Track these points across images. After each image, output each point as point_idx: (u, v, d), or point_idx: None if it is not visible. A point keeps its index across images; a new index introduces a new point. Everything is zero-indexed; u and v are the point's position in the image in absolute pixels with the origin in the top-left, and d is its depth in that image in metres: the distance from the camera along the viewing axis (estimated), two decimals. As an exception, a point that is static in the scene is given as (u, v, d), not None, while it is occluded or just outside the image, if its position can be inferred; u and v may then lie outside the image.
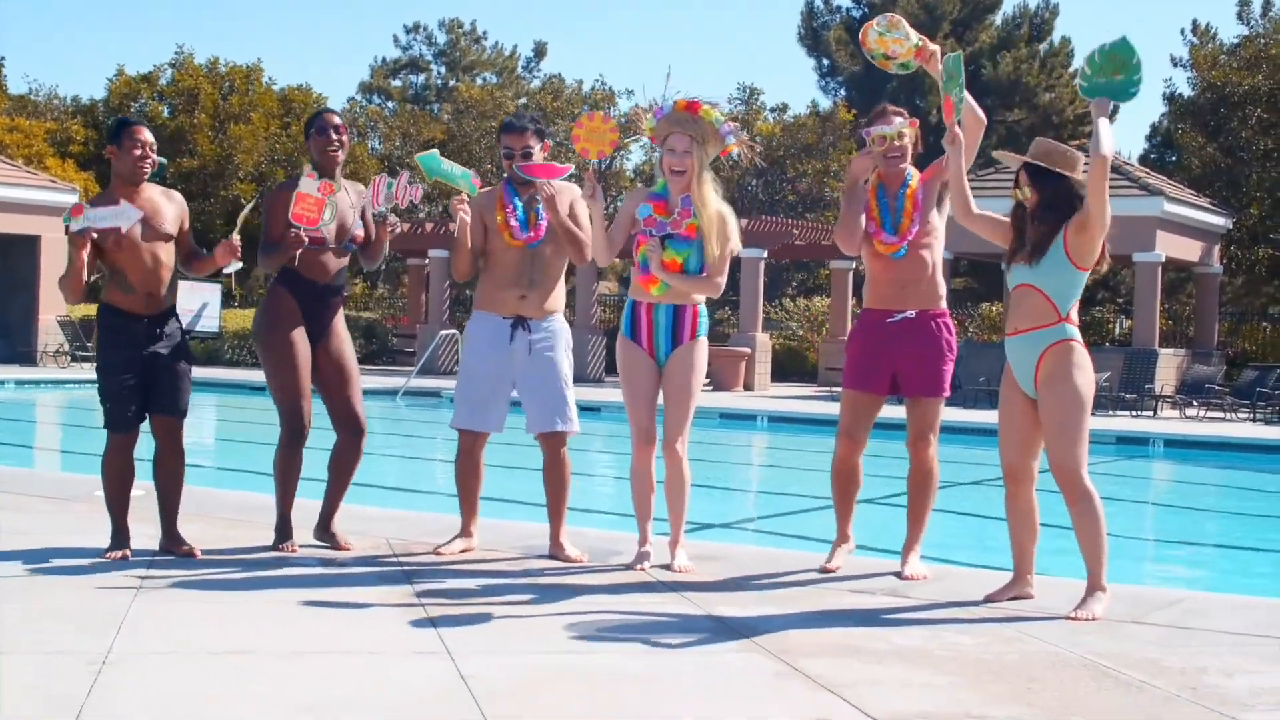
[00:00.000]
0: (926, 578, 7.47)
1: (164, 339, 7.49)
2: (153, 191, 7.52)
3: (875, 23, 7.29)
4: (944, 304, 7.62)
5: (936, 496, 7.76)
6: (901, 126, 7.46)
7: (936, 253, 7.56)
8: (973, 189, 7.20)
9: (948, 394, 7.61)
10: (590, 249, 7.83)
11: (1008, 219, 7.03)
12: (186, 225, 7.63)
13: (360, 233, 7.94)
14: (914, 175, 7.54)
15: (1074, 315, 6.80)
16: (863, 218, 7.50)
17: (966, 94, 7.04)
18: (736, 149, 7.74)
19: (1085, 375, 6.76)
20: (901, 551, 7.67)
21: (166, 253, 7.47)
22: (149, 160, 7.44)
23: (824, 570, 7.60)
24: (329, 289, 7.88)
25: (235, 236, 7.50)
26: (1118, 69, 6.68)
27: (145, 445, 7.62)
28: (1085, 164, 6.79)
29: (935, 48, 7.12)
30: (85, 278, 7.33)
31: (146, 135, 7.48)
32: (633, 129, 7.95)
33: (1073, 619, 6.52)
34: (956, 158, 7.07)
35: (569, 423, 7.84)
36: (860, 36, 7.33)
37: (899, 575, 7.49)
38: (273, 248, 7.69)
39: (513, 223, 7.76)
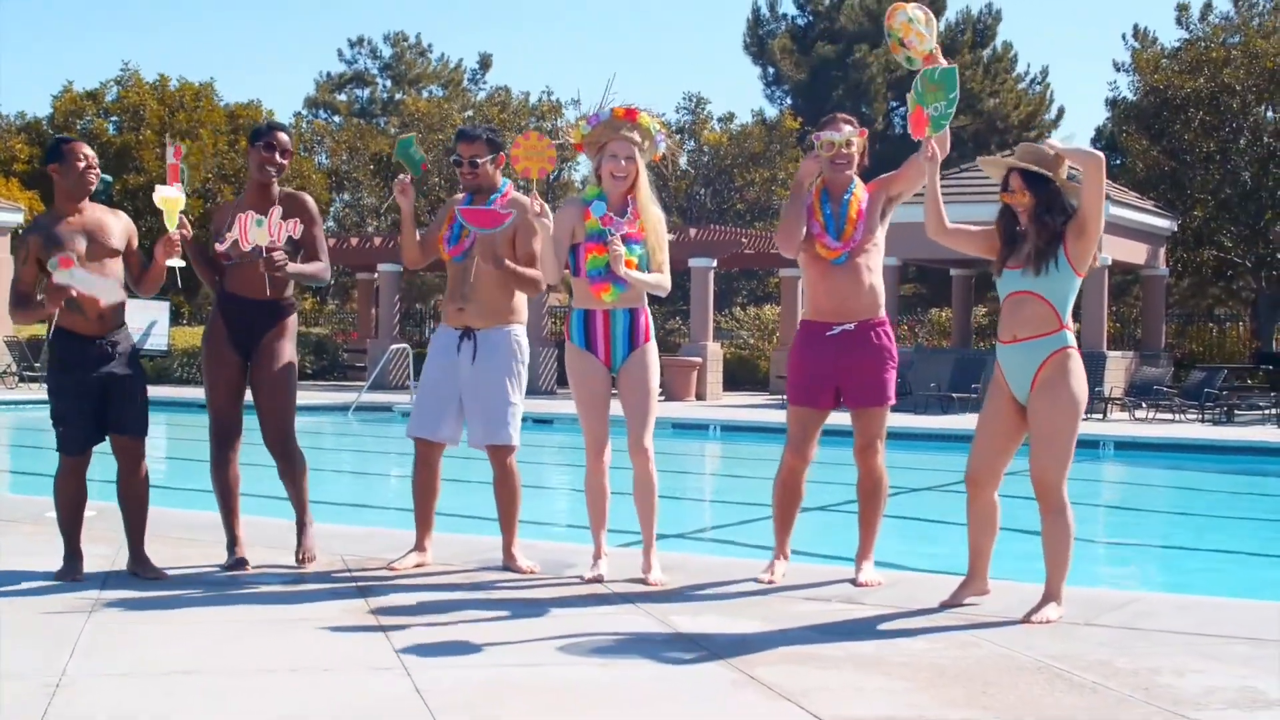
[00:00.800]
0: (881, 584, 7.50)
1: (117, 358, 7.44)
2: (98, 210, 7.48)
3: (912, 7, 7.20)
4: (883, 312, 7.64)
5: (887, 503, 7.79)
6: (850, 135, 7.48)
7: (876, 261, 7.57)
8: (921, 198, 7.21)
9: (892, 401, 7.63)
10: (541, 284, 7.87)
11: (987, 228, 7.03)
12: (135, 243, 7.58)
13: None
14: (858, 184, 7.57)
15: (1070, 322, 6.82)
16: (804, 221, 7.53)
17: (1059, 144, 6.85)
18: (665, 150, 7.79)
19: (1081, 385, 6.75)
20: (855, 559, 7.70)
21: (115, 271, 7.42)
22: (93, 172, 7.40)
23: (760, 581, 7.59)
24: (259, 305, 7.84)
25: (173, 231, 7.44)
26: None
27: (100, 467, 7.58)
28: (1071, 169, 6.83)
29: (944, 63, 7.11)
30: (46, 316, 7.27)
31: (87, 149, 7.45)
32: (562, 136, 7.97)
33: (1028, 622, 6.56)
34: (932, 173, 7.08)
35: (506, 436, 7.83)
36: (890, 10, 7.23)
37: (854, 582, 7.51)
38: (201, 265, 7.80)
39: (445, 232, 7.83)
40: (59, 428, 7.44)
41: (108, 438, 7.51)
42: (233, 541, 7.88)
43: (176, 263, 7.52)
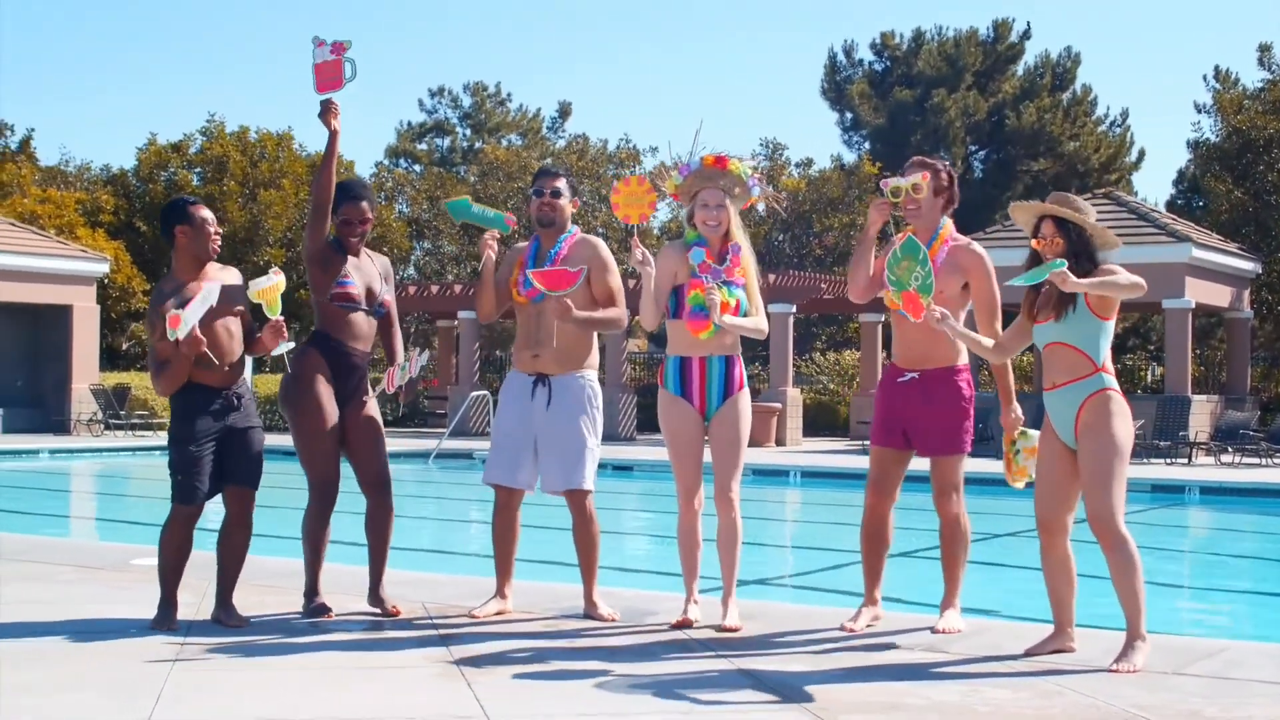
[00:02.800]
0: (961, 631, 7.42)
1: (241, 410, 7.51)
2: (213, 268, 7.55)
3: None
4: (962, 360, 7.59)
5: (969, 550, 7.71)
6: (916, 180, 7.44)
7: (955, 311, 7.52)
8: (1002, 242, 7.20)
9: (967, 449, 7.58)
10: (622, 320, 7.92)
11: (1021, 320, 7.06)
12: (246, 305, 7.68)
13: (390, 299, 7.97)
14: (941, 235, 7.52)
15: (1108, 364, 6.80)
16: (869, 265, 7.55)
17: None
18: (762, 202, 7.80)
19: (1124, 424, 6.75)
20: (940, 606, 7.63)
21: (238, 325, 7.50)
22: (218, 236, 7.47)
23: (844, 629, 7.54)
24: (359, 353, 7.90)
25: (279, 318, 7.47)
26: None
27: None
28: (1097, 218, 6.89)
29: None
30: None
31: (208, 212, 7.54)
32: (657, 182, 7.97)
33: (1114, 671, 6.48)
34: (954, 325, 7.12)
35: (581, 480, 7.83)
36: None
37: (932, 629, 7.45)
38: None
39: (520, 279, 7.82)
40: (176, 476, 7.46)
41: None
42: (313, 588, 7.90)
43: (284, 348, 7.51)
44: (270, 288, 7.38)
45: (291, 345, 7.54)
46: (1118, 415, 6.73)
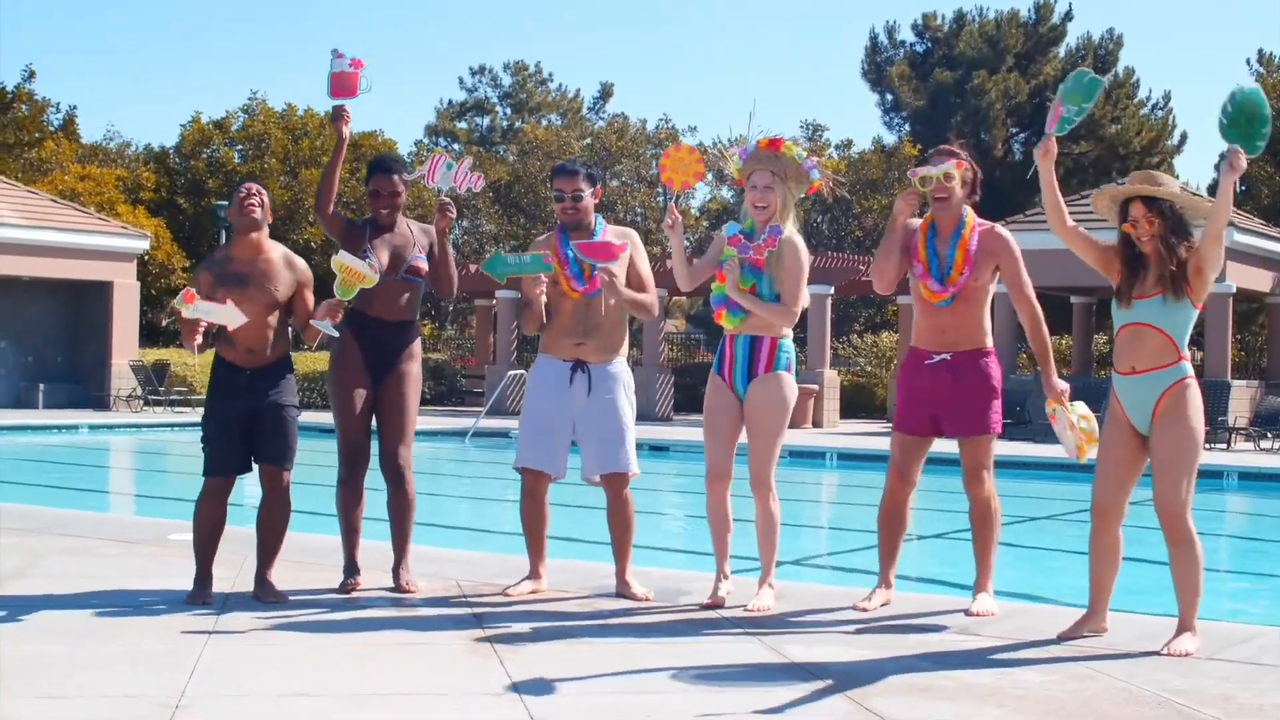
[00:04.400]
0: (995, 614, 7.41)
1: (265, 393, 7.58)
2: (275, 254, 7.66)
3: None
4: (989, 342, 7.58)
5: (1000, 533, 7.70)
6: (948, 168, 7.40)
7: (982, 304, 7.52)
8: (1016, 229, 7.15)
9: (996, 430, 7.55)
10: (655, 306, 7.99)
11: (1108, 244, 6.90)
12: (308, 295, 7.75)
13: (422, 264, 7.98)
14: (969, 221, 7.50)
15: (1186, 352, 6.74)
16: (897, 259, 7.52)
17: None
18: (822, 185, 7.78)
19: (1200, 415, 6.69)
20: (973, 589, 7.62)
21: (270, 314, 7.57)
22: (251, 208, 7.56)
23: (857, 609, 7.53)
24: (392, 325, 7.93)
25: (341, 299, 7.54)
26: (1250, 120, 6.59)
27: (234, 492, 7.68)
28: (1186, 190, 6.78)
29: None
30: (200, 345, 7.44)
31: (253, 188, 7.68)
32: (716, 166, 8.02)
33: (1165, 654, 6.47)
34: (1047, 170, 6.99)
35: (627, 464, 7.86)
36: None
37: (967, 612, 7.44)
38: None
39: (568, 274, 7.80)
40: (205, 448, 7.62)
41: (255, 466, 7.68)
42: (351, 563, 7.95)
43: (326, 326, 7.56)
44: (354, 271, 7.48)
45: (332, 327, 7.56)
46: (1197, 406, 6.67)
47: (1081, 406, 7.26)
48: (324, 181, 8.01)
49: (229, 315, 7.35)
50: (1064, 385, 7.38)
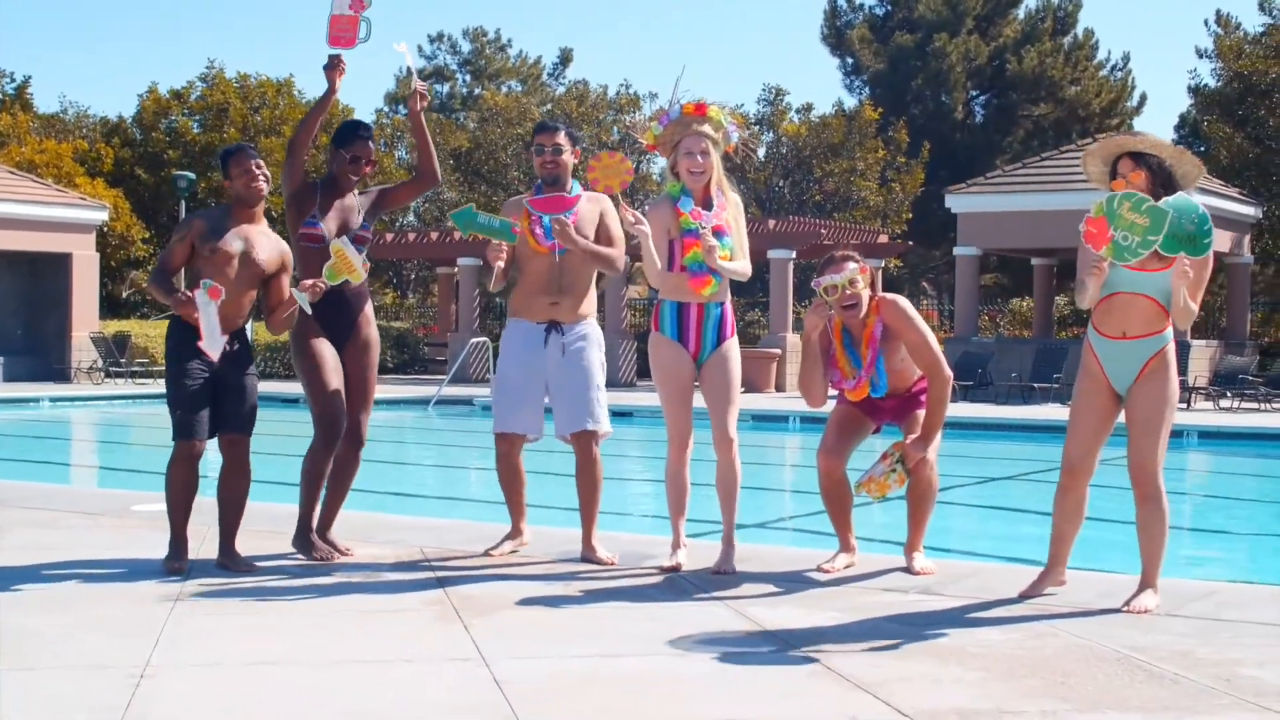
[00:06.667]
0: (934, 572, 7.51)
1: (235, 356, 7.56)
2: (268, 231, 7.65)
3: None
4: (917, 380, 7.69)
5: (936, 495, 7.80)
6: (852, 273, 7.35)
7: (911, 367, 7.60)
8: (977, 191, 7.17)
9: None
10: (621, 261, 7.99)
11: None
12: (286, 279, 7.70)
13: (367, 234, 7.96)
14: (869, 313, 7.50)
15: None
16: (822, 371, 7.58)
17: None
18: (739, 141, 7.83)
19: (1176, 378, 6.81)
20: (905, 549, 7.72)
21: (252, 289, 7.58)
22: (256, 184, 7.54)
23: (821, 569, 7.64)
24: (346, 293, 7.88)
25: (325, 283, 7.53)
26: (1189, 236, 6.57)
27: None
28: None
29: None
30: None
31: (253, 159, 7.60)
32: (633, 136, 8.01)
33: (1125, 610, 6.55)
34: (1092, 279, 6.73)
35: (598, 422, 7.90)
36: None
37: (909, 570, 7.56)
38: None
39: (537, 230, 7.81)
40: (175, 412, 7.56)
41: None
42: (306, 525, 7.94)
43: (305, 302, 7.53)
44: (349, 263, 7.50)
45: (306, 302, 7.54)
46: (1174, 368, 6.77)
47: (901, 469, 7.44)
48: (305, 129, 7.88)
49: (213, 339, 7.30)
50: (922, 454, 7.43)
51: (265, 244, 7.61)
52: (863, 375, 7.46)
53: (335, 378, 7.87)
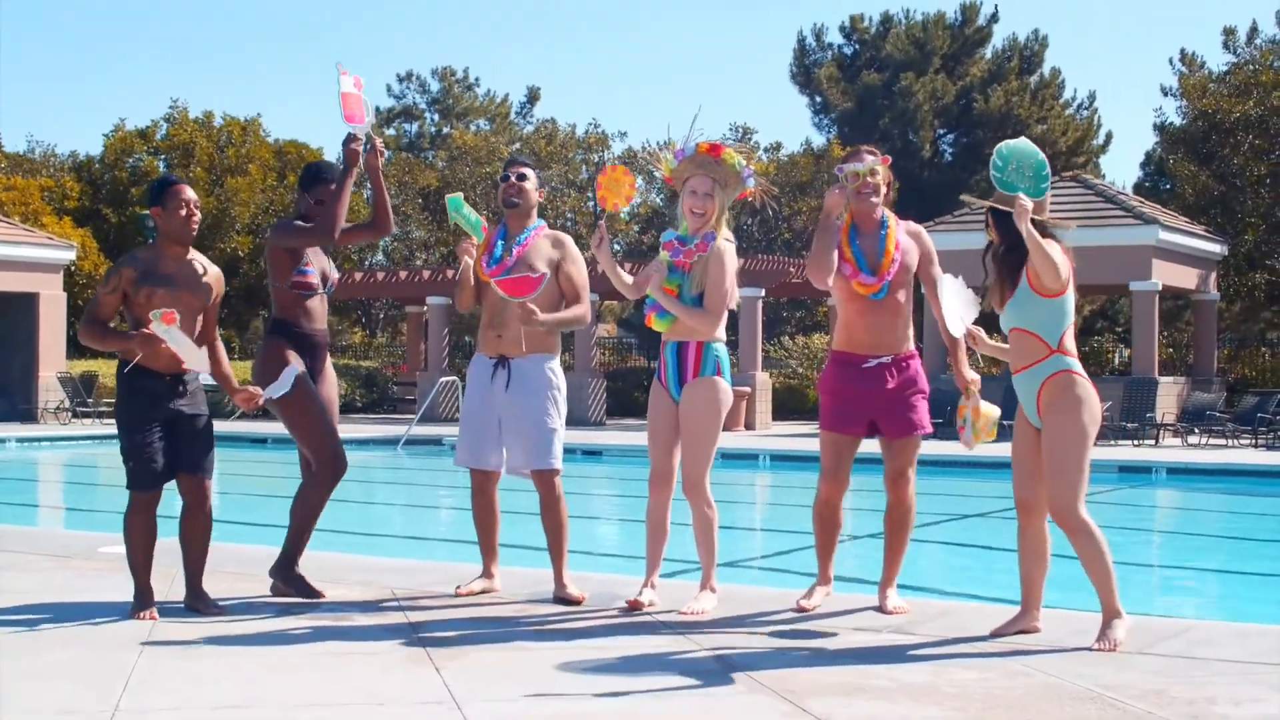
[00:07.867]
0: (907, 611, 7.49)
1: (185, 396, 7.48)
2: (196, 260, 7.57)
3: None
4: (912, 345, 7.70)
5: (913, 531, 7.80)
6: (874, 164, 7.50)
7: (909, 300, 7.63)
8: (945, 230, 7.23)
9: (928, 430, 7.66)
10: (585, 317, 8.04)
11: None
12: (215, 303, 7.62)
13: (336, 276, 8.13)
14: (891, 221, 7.57)
15: (1068, 344, 6.81)
16: (835, 254, 7.52)
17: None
18: (755, 193, 7.84)
19: (1087, 408, 6.77)
20: (880, 586, 7.70)
21: (196, 320, 7.49)
22: (195, 220, 7.47)
23: (799, 608, 7.61)
24: (319, 332, 8.02)
25: (261, 397, 7.59)
26: (1020, 168, 6.74)
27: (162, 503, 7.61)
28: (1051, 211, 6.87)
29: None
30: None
31: (190, 194, 7.51)
32: (649, 165, 8.06)
33: (1096, 649, 6.54)
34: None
35: (549, 460, 7.86)
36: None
37: (880, 609, 7.54)
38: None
39: (483, 257, 7.88)
40: (129, 463, 7.44)
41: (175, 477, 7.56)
42: (293, 559, 7.97)
43: (204, 372, 7.51)
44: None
45: (209, 380, 7.57)
46: (1078, 399, 6.76)
47: (985, 404, 7.37)
48: (338, 211, 7.91)
49: (195, 357, 7.26)
50: (974, 375, 7.47)
51: (202, 276, 7.53)
52: (883, 273, 7.44)
53: (327, 419, 7.96)
